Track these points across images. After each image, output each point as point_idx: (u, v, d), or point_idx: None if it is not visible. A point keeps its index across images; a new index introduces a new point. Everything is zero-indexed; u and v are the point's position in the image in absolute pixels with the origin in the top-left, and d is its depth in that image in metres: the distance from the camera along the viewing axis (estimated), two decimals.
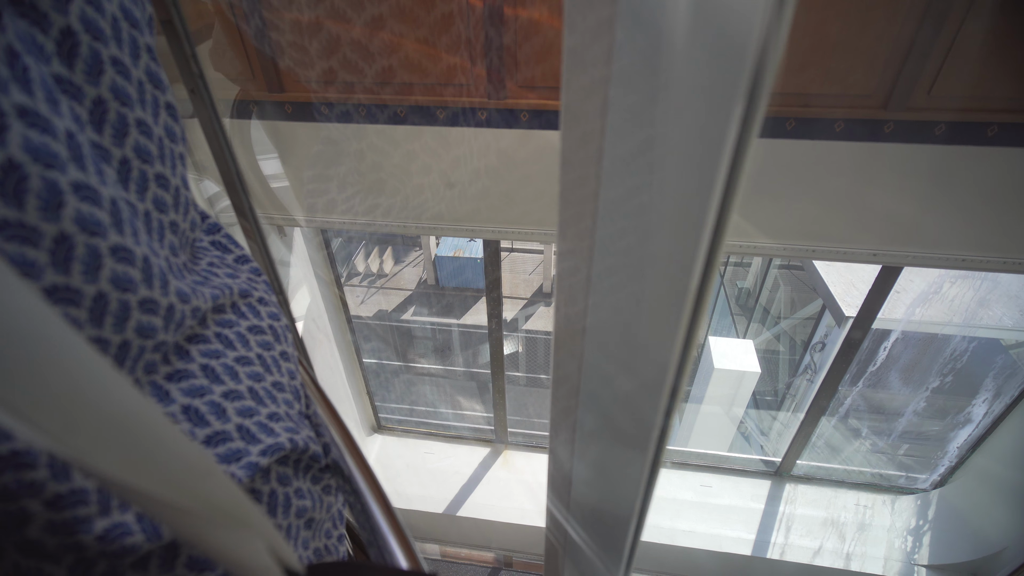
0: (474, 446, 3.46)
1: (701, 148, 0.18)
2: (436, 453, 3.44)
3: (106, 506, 0.32)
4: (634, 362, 0.27)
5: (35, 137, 0.27)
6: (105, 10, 0.35)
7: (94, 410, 0.17)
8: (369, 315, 11.45)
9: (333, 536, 0.60)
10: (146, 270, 0.35)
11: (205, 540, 0.25)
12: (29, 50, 0.29)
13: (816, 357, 6.47)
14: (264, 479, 0.47)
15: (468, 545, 3.29)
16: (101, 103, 0.35)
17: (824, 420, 3.14)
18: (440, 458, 3.40)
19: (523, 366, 8.82)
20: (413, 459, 3.41)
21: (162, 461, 0.21)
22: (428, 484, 3.26)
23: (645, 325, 0.25)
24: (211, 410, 0.42)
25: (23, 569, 0.30)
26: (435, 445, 3.48)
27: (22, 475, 0.27)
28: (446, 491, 3.22)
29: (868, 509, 3.12)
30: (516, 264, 12.93)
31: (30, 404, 0.15)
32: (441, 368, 6.89)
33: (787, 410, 5.31)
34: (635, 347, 0.26)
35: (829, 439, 3.60)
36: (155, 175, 0.40)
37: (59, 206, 0.29)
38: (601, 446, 0.33)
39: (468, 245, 12.64)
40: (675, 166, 0.19)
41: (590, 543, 0.40)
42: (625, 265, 0.23)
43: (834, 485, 3.21)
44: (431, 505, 3.16)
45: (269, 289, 0.55)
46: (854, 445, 3.66)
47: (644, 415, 0.28)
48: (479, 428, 3.49)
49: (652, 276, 0.23)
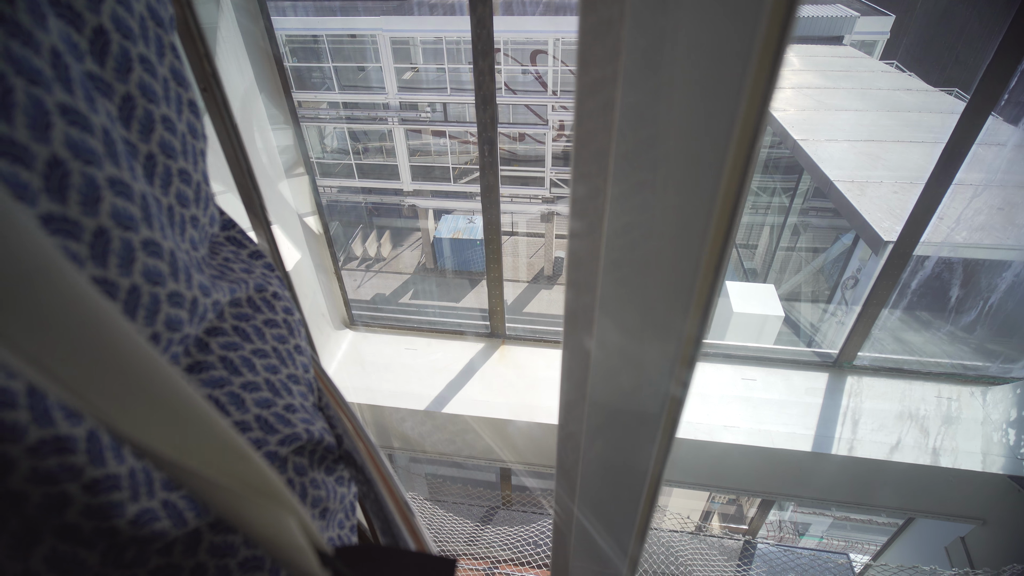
0: (465, 341, 2.87)
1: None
2: (419, 349, 2.86)
3: (136, 491, 0.32)
4: (646, 336, 0.26)
5: (75, 134, 0.28)
6: (134, 10, 0.35)
7: (146, 392, 0.19)
8: (367, 298, 10.92)
9: (346, 527, 0.58)
10: (172, 264, 0.36)
11: (243, 517, 0.26)
12: (69, 50, 0.29)
13: (848, 294, 5.89)
14: (282, 469, 0.47)
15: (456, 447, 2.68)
16: (129, 100, 0.35)
17: (886, 313, 2.56)
18: (424, 354, 2.82)
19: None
20: (392, 356, 2.83)
21: (204, 442, 0.22)
22: (408, 381, 2.68)
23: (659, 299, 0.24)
24: (231, 400, 0.43)
25: (60, 554, 0.30)
26: (418, 341, 2.91)
27: (64, 459, 0.28)
28: (430, 388, 2.63)
29: (953, 401, 2.51)
30: (518, 247, 12.40)
31: (90, 386, 0.16)
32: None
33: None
34: (649, 323, 0.25)
35: (894, 331, 3.01)
36: (178, 170, 0.40)
37: (97, 201, 0.29)
38: (612, 426, 0.31)
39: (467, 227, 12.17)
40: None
41: (597, 525, 0.38)
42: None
43: (907, 377, 2.61)
44: (410, 402, 2.57)
45: (282, 284, 0.55)
46: (925, 336, 3.06)
47: (656, 394, 0.27)
48: (471, 323, 2.92)
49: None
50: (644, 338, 0.26)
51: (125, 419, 0.18)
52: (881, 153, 6.07)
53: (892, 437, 2.38)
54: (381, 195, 11.83)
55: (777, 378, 2.65)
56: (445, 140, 11.29)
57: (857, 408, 2.50)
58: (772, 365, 2.70)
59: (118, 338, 0.17)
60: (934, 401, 2.51)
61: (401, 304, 10.99)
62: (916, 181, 5.47)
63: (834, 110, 6.98)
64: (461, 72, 10.59)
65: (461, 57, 10.59)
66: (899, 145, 6.20)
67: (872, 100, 7.25)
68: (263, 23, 2.06)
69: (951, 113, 6.77)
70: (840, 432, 2.40)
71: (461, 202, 11.75)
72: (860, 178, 5.59)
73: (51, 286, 0.15)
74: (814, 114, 6.92)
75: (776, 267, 7.12)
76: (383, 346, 2.88)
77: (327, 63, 10.36)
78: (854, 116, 6.81)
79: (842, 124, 6.61)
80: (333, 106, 10.91)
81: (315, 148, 11.83)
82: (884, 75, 8.07)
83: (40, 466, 0.27)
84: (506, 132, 11.33)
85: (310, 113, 10.92)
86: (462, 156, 11.53)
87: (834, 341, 3.56)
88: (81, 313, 0.16)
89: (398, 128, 10.86)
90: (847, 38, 9.26)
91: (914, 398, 2.52)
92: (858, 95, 7.40)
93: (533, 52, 11.03)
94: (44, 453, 0.27)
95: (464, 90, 10.42)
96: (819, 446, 2.36)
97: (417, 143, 11.53)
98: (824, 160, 5.92)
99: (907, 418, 2.45)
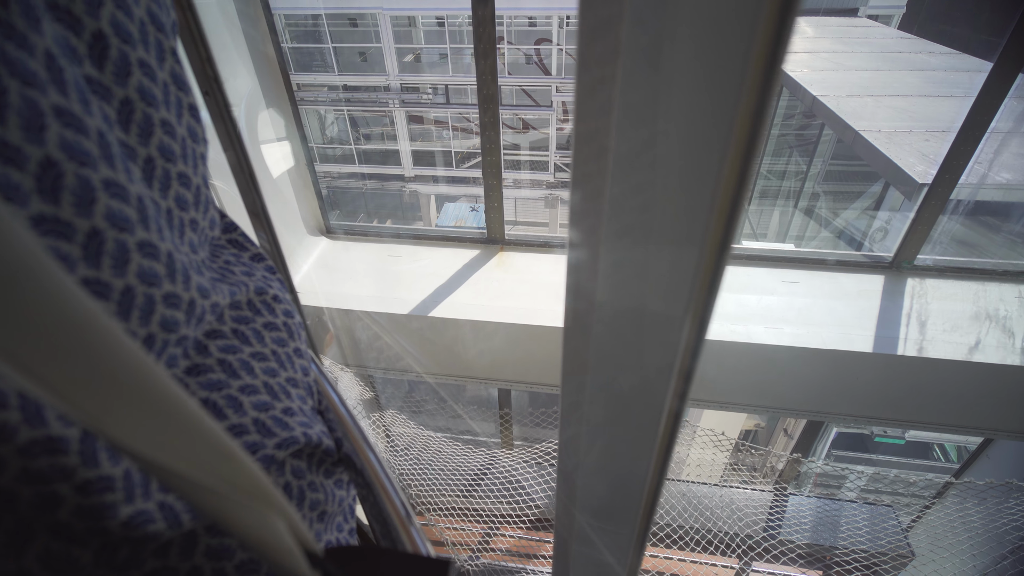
0: (458, 248, 2.50)
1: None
2: (404, 256, 2.48)
3: (131, 493, 0.32)
4: (645, 346, 0.26)
5: (70, 136, 0.28)
6: (133, 14, 0.35)
7: (131, 393, 0.18)
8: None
9: (344, 530, 0.58)
10: (170, 265, 0.36)
11: (230, 519, 0.26)
12: (64, 53, 0.29)
13: (877, 248, 5.47)
14: (279, 472, 0.47)
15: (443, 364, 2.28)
16: (128, 103, 0.35)
17: (944, 219, 2.17)
18: (409, 262, 2.44)
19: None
20: (372, 263, 2.45)
21: (189, 442, 0.21)
22: (390, 286, 2.30)
23: (657, 306, 0.24)
24: (228, 404, 0.43)
25: (53, 552, 0.30)
26: (403, 248, 2.53)
27: (55, 460, 0.28)
28: (415, 293, 2.25)
29: None
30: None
31: (72, 387, 0.16)
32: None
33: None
34: (646, 332, 0.25)
35: (956, 234, 2.61)
36: (177, 174, 0.40)
37: (91, 202, 0.29)
38: (610, 434, 0.32)
39: (471, 215, 11.85)
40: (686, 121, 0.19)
41: (598, 531, 0.39)
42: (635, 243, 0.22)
43: (978, 278, 2.20)
44: (391, 306, 2.19)
45: (283, 287, 0.54)
46: (995, 239, 2.65)
47: (655, 400, 0.27)
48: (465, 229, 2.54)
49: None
50: (643, 345, 0.26)
51: (112, 422, 0.18)
52: (908, 107, 5.71)
53: (969, 337, 1.97)
54: (382, 181, 11.57)
55: (823, 280, 2.25)
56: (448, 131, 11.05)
57: (923, 309, 2.09)
58: (817, 267, 2.30)
59: (104, 340, 0.17)
60: (1015, 302, 2.10)
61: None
62: (948, 129, 5.11)
63: (854, 70, 6.64)
64: (464, 55, 10.37)
65: (464, 38, 10.39)
66: (926, 100, 5.83)
67: (894, 62, 6.91)
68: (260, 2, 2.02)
69: (979, 72, 6.40)
70: (906, 332, 2.00)
71: (464, 188, 11.45)
72: (887, 128, 5.22)
73: (36, 287, 0.15)
74: (832, 74, 6.58)
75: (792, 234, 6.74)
76: (363, 254, 2.51)
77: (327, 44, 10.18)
78: (876, 75, 6.46)
79: (865, 82, 6.26)
80: (333, 89, 10.71)
81: (315, 137, 11.62)
82: (904, 41, 7.73)
83: (31, 466, 0.27)
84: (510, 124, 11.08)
85: (309, 96, 10.72)
86: (464, 141, 11.28)
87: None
88: (66, 315, 0.16)
89: (399, 111, 10.63)
90: (862, 10, 8.95)
91: (990, 299, 2.12)
92: (878, 58, 7.06)
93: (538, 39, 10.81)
94: (35, 453, 0.27)
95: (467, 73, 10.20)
96: (881, 347, 1.95)
97: (418, 128, 11.30)
98: (847, 113, 5.57)
99: (985, 318, 2.04)
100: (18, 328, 0.15)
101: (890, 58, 7.04)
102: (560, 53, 10.09)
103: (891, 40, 7.81)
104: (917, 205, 2.19)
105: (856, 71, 6.59)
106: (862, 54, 7.23)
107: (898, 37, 7.96)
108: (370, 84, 10.47)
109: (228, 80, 2.02)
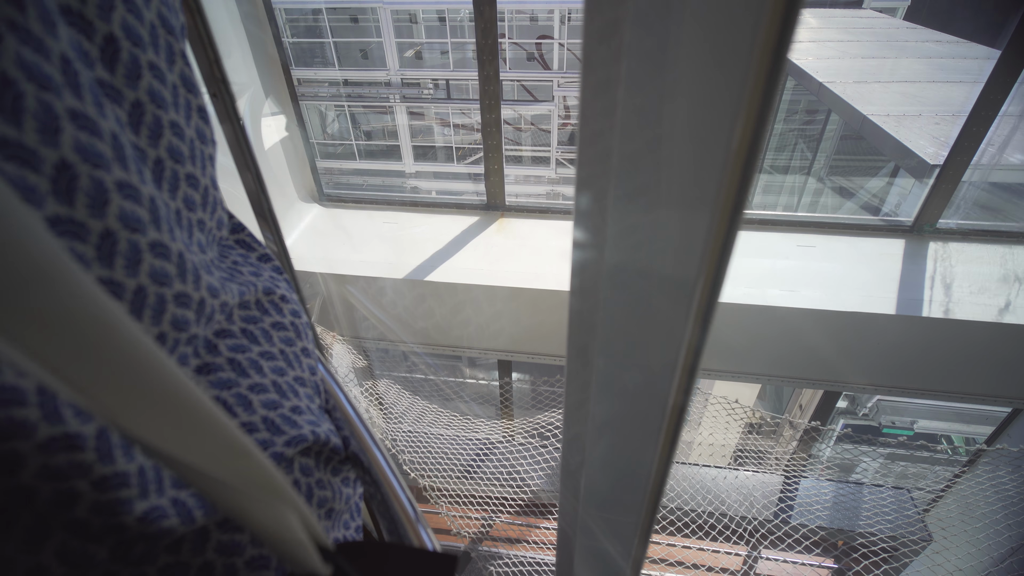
0: (457, 215, 2.39)
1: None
2: (400, 223, 2.38)
3: (145, 489, 0.32)
4: (648, 347, 0.26)
5: (84, 138, 0.28)
6: (144, 18, 0.35)
7: (151, 391, 0.19)
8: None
9: (351, 527, 0.59)
10: (180, 265, 0.36)
11: (245, 513, 0.27)
12: (78, 56, 0.30)
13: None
14: (288, 469, 0.48)
15: (441, 331, 2.17)
16: (139, 106, 0.35)
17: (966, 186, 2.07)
18: (406, 227, 2.34)
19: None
20: (366, 228, 2.35)
21: (207, 439, 0.23)
22: (385, 252, 2.20)
23: (660, 307, 0.24)
24: (238, 402, 0.43)
25: (70, 548, 0.31)
26: (399, 215, 2.43)
27: (73, 456, 0.28)
28: (412, 257, 2.15)
29: None
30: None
31: (94, 385, 0.17)
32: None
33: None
34: (648, 333, 0.25)
35: (979, 199, 2.50)
36: (186, 175, 0.41)
37: (105, 203, 0.30)
38: (614, 431, 0.32)
39: None
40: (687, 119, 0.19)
41: (602, 527, 0.39)
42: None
43: (1006, 241, 2.09)
44: (385, 270, 2.08)
45: (290, 287, 0.55)
46: (1017, 203, 2.54)
47: (659, 398, 0.27)
48: (464, 196, 2.45)
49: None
50: (648, 343, 0.26)
51: (130, 417, 0.18)
52: (917, 92, 5.61)
53: (998, 300, 1.86)
54: (383, 177, 11.51)
55: (842, 244, 2.14)
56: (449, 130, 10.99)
57: (947, 272, 1.98)
58: (833, 231, 2.19)
59: (124, 338, 0.17)
60: None
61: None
62: (959, 113, 5.01)
63: (860, 58, 6.55)
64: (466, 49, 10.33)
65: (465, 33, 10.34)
66: (935, 85, 5.73)
67: (901, 50, 6.82)
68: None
69: (987, 59, 6.30)
70: (930, 294, 1.88)
71: (465, 184, 11.40)
72: (896, 112, 5.12)
73: (58, 287, 0.15)
74: (839, 62, 6.49)
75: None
76: (356, 220, 2.41)
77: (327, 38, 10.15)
78: (883, 62, 6.37)
79: (871, 69, 6.17)
80: (334, 84, 10.67)
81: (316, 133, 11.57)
82: (910, 31, 7.64)
83: (49, 463, 0.27)
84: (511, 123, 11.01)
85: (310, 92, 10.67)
86: (466, 137, 11.21)
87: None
88: (88, 313, 0.16)
89: (400, 106, 10.58)
90: (866, 2, 8.88)
91: (1019, 261, 2.00)
92: (884, 46, 6.97)
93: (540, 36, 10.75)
94: (53, 450, 0.27)
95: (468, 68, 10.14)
96: (905, 308, 1.84)
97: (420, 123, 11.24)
98: (855, 99, 5.47)
99: (1014, 281, 1.93)
100: (44, 326, 0.15)
101: (896, 46, 6.96)
102: (561, 49, 10.03)
103: (897, 29, 7.73)
104: (938, 171, 2.09)
105: (862, 59, 6.50)
106: (868, 43, 7.15)
107: (904, 27, 7.88)
108: (371, 80, 10.42)
109: (230, 73, 1.96)
